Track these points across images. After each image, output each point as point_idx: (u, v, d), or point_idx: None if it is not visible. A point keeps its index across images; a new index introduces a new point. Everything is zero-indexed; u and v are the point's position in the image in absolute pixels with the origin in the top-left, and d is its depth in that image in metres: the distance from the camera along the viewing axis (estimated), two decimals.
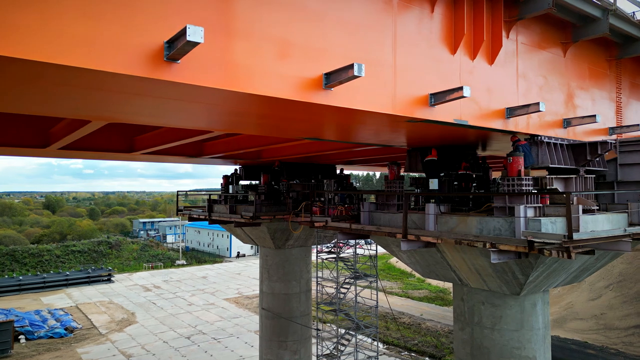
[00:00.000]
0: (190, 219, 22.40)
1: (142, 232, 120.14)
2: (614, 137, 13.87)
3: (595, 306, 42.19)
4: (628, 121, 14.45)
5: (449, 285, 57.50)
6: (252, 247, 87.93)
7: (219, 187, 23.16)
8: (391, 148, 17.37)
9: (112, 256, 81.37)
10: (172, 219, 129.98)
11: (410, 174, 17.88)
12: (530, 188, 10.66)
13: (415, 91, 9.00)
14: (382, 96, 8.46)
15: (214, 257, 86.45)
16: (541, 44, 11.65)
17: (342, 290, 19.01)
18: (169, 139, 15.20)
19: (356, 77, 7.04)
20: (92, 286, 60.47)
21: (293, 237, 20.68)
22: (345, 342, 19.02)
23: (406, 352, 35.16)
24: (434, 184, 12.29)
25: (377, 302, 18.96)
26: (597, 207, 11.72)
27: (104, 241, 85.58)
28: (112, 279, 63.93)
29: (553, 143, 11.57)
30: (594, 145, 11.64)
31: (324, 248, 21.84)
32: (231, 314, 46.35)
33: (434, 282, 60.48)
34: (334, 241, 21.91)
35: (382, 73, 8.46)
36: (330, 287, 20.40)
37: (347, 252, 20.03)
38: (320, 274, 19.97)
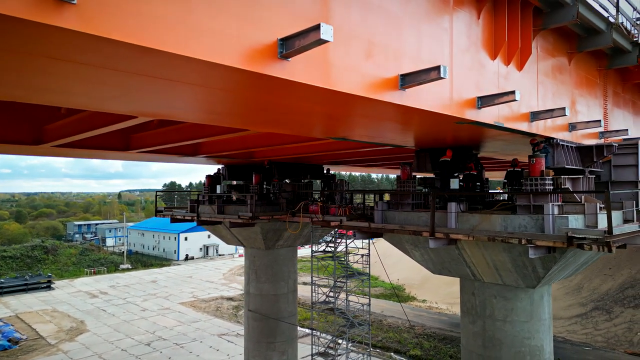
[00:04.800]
0: (173, 220, 21.59)
1: (77, 236, 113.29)
2: (602, 140, 15.08)
3: None
4: (612, 126, 15.74)
5: (402, 282, 59.39)
6: (201, 249, 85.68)
7: (161, 187, 22.51)
8: (390, 149, 17.77)
9: (48, 262, 76.05)
10: (110, 221, 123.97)
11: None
12: (551, 187, 11.39)
13: (466, 93, 9.37)
14: (443, 98, 8.74)
15: (160, 261, 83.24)
16: (553, 53, 12.46)
17: (336, 289, 19.19)
18: (172, 139, 14.62)
19: (441, 78, 7.28)
20: (31, 294, 56.23)
21: (283, 237, 20.55)
22: (339, 341, 19.21)
23: (371, 349, 35.91)
24: (454, 183, 12.78)
25: (369, 300, 19.33)
26: (603, 206, 12.70)
27: (39, 245, 79.83)
28: (52, 285, 59.84)
29: (566, 145, 12.42)
30: (600, 147, 12.62)
31: (309, 247, 21.84)
32: (190, 318, 44.97)
33: (387, 280, 62.05)
34: (321, 240, 22.02)
35: None
36: (325, 285, 20.51)
37: (339, 250, 20.17)
38: (314, 274, 20.02)
